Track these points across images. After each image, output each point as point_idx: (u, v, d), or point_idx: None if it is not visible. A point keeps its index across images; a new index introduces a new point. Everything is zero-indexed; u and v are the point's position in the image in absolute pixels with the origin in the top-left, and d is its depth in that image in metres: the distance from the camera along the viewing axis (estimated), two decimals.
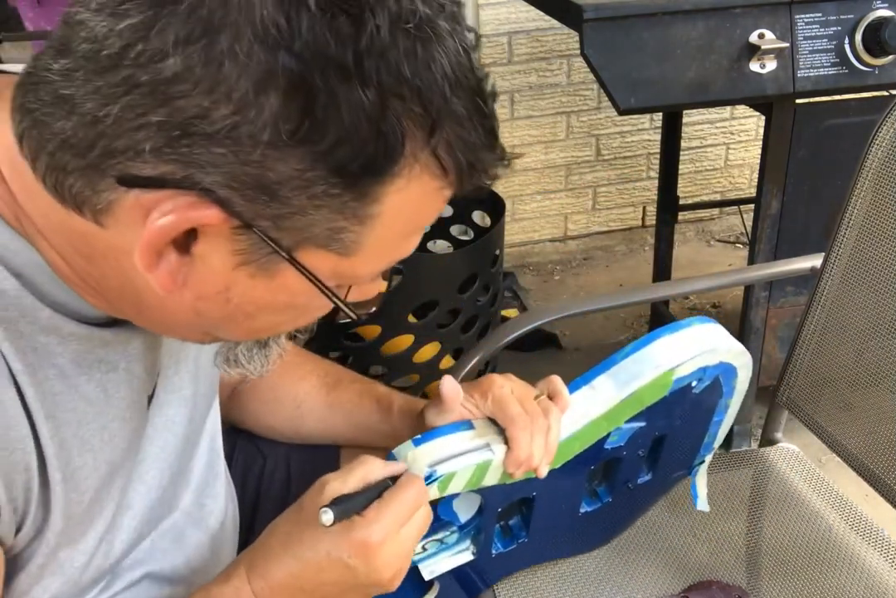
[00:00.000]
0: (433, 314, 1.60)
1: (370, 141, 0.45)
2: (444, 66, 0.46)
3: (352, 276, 0.54)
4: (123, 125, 0.45)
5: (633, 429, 0.85)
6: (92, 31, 0.45)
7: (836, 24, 1.39)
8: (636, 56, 1.36)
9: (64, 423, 0.56)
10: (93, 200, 0.48)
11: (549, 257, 2.70)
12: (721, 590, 0.98)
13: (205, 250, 0.49)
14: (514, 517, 0.90)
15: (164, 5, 0.43)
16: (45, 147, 0.48)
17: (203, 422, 0.76)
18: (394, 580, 0.65)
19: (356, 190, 0.47)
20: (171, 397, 0.69)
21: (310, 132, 0.45)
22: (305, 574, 0.63)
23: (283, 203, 0.47)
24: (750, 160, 2.71)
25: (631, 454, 0.88)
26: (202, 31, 0.43)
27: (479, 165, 0.51)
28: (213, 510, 0.78)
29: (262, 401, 0.91)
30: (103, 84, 0.45)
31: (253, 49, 0.43)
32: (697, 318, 0.88)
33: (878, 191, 1.00)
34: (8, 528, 0.55)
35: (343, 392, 0.90)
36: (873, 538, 1.05)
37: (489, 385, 0.76)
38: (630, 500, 0.96)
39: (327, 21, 0.43)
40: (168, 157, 0.45)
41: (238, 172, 0.45)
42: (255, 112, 0.44)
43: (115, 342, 0.59)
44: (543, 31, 2.37)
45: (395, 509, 0.63)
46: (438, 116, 0.47)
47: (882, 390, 1.00)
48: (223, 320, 0.55)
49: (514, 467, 0.74)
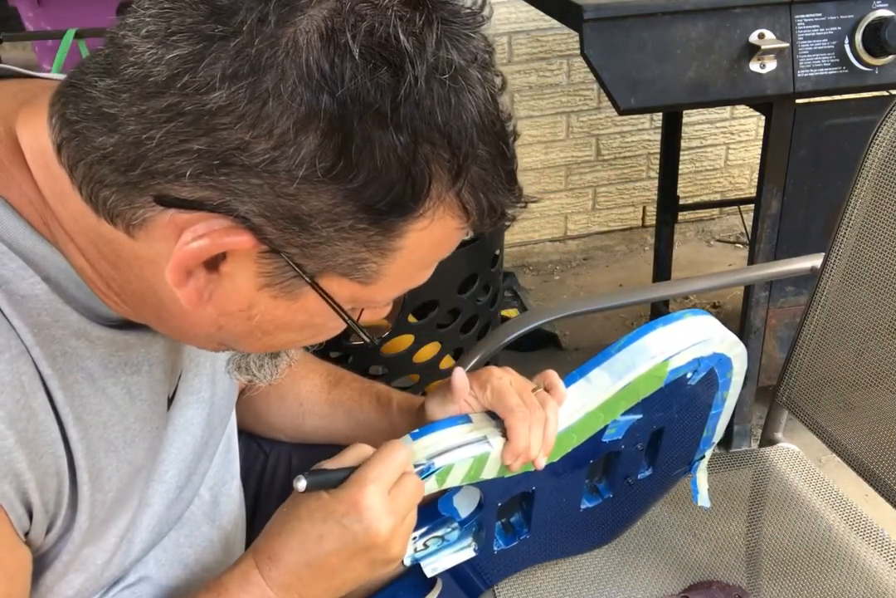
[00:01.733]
0: (433, 314, 1.60)
1: (399, 182, 0.48)
2: (473, 114, 0.49)
3: (368, 301, 0.57)
4: (165, 150, 0.47)
5: (630, 421, 0.85)
6: (140, 56, 0.47)
7: (836, 24, 1.39)
8: (636, 56, 1.36)
9: (91, 425, 0.58)
10: (127, 215, 0.50)
11: (549, 257, 2.70)
12: (721, 590, 0.98)
13: (232, 270, 0.51)
14: (515, 514, 0.90)
15: (213, 40, 0.46)
16: (84, 159, 0.50)
17: (221, 424, 0.77)
18: (392, 541, 0.66)
19: (382, 226, 0.50)
20: (190, 398, 0.70)
21: (343, 171, 0.47)
22: (307, 547, 0.65)
23: (312, 234, 0.49)
24: (750, 160, 2.71)
25: (629, 448, 0.88)
26: (249, 69, 0.45)
27: (499, 207, 0.54)
28: (226, 510, 0.79)
29: (266, 400, 0.92)
30: (148, 109, 0.47)
31: (297, 90, 0.45)
32: (690, 310, 0.88)
33: (878, 191, 1.00)
34: (40, 529, 0.57)
35: (344, 390, 0.91)
36: (873, 538, 1.05)
37: (488, 376, 0.78)
38: (631, 496, 0.96)
39: (369, 71, 0.46)
40: (206, 183, 0.48)
41: (272, 203, 0.48)
42: (293, 149, 0.46)
43: (139, 345, 0.61)
44: (543, 31, 2.37)
45: (378, 468, 0.65)
46: (465, 162, 0.50)
47: (882, 390, 1.00)
48: (242, 335, 0.58)
49: (511, 459, 0.74)
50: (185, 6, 0.47)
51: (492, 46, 0.53)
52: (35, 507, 0.55)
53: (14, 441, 0.52)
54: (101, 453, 0.59)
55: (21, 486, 0.53)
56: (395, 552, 0.67)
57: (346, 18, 0.46)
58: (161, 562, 0.71)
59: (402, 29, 0.46)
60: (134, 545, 0.67)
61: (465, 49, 0.49)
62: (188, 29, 0.46)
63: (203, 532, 0.76)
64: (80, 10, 1.95)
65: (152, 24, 0.47)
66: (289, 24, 0.46)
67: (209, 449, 0.75)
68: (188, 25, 0.46)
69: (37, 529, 0.56)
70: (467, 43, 0.50)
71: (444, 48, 0.48)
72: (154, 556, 0.71)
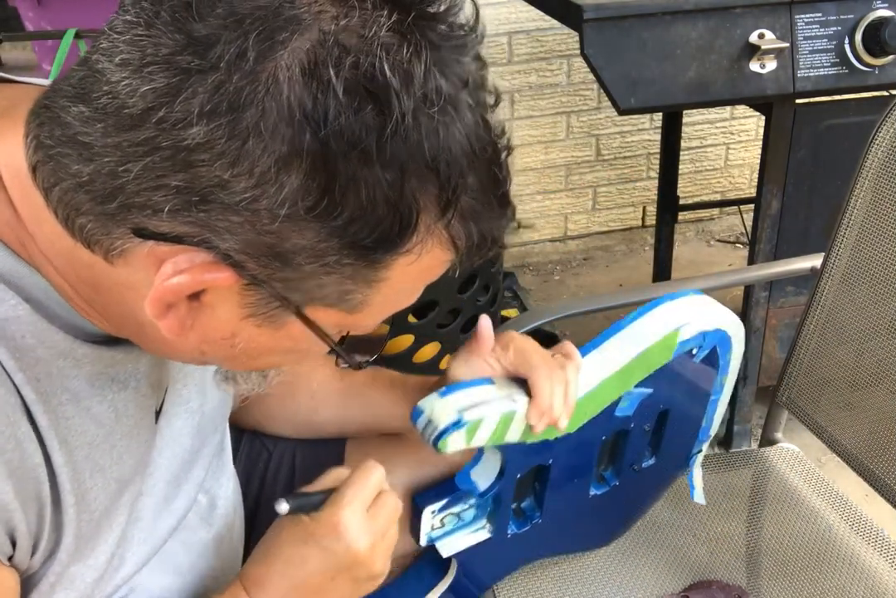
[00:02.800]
0: (433, 314, 1.60)
1: (386, 219, 0.47)
2: (462, 144, 0.47)
3: (354, 326, 0.56)
4: (142, 184, 0.46)
5: (641, 395, 0.88)
6: (114, 87, 0.45)
7: (836, 24, 1.39)
8: (636, 56, 1.36)
9: (76, 447, 0.57)
10: (105, 243, 0.49)
11: (549, 257, 2.70)
12: (721, 590, 0.98)
13: (214, 301, 0.50)
14: (527, 499, 0.92)
15: (190, 74, 0.44)
16: (59, 184, 0.48)
17: (213, 432, 0.77)
18: (372, 558, 0.67)
19: (368, 260, 0.49)
20: (178, 409, 0.70)
21: (327, 210, 0.45)
22: (291, 570, 0.66)
23: (296, 270, 0.48)
24: (750, 160, 2.71)
25: (638, 428, 0.91)
26: (228, 107, 0.43)
27: (490, 236, 0.52)
28: (222, 513, 0.79)
29: (277, 399, 0.92)
30: (123, 141, 0.45)
31: (278, 128, 0.44)
32: (693, 289, 0.94)
33: (878, 191, 1.00)
34: (24, 554, 0.56)
35: (355, 377, 0.91)
36: (873, 538, 1.05)
37: (510, 338, 0.79)
38: (635, 486, 0.98)
39: (354, 109, 0.44)
40: (185, 219, 0.46)
41: (254, 240, 0.47)
42: (275, 188, 0.45)
43: (126, 361, 0.60)
44: (543, 31, 2.37)
45: (354, 488, 0.67)
46: (454, 194, 0.48)
47: (882, 390, 1.00)
48: (226, 359, 0.57)
49: (536, 418, 0.75)
50: (160, 34, 0.44)
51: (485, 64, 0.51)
52: (19, 533, 0.54)
53: (1, 473, 0.51)
54: (86, 474, 0.58)
55: (6, 516, 0.53)
56: (378, 569, 0.68)
57: (329, 52, 0.44)
58: (154, 570, 0.71)
59: (389, 63, 0.44)
60: (126, 560, 0.66)
61: (454, 76, 0.47)
62: (163, 60, 0.44)
63: (199, 538, 0.76)
64: (80, 10, 1.95)
65: (126, 53, 0.45)
66: (269, 59, 0.43)
67: (200, 458, 0.75)
68: (163, 56, 0.44)
69: (21, 553, 0.56)
70: (458, 67, 0.47)
71: (433, 78, 0.46)
72: (148, 565, 0.70)
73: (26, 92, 0.56)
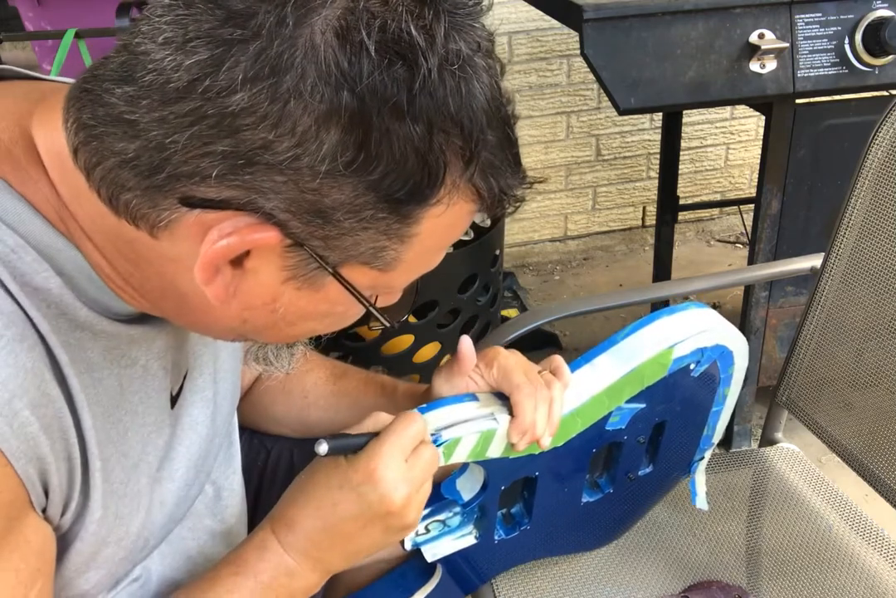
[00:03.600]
0: (433, 314, 1.60)
1: (417, 171, 0.50)
2: (481, 101, 0.51)
3: (386, 286, 0.58)
4: (189, 153, 0.48)
5: (633, 410, 0.86)
6: (159, 64, 0.47)
7: (836, 24, 1.39)
8: (636, 56, 1.36)
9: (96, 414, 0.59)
10: (151, 217, 0.51)
11: (549, 257, 2.70)
12: (721, 590, 0.98)
13: (257, 265, 0.53)
14: (516, 505, 0.91)
15: (232, 45, 0.46)
16: (103, 163, 0.50)
17: (224, 422, 0.78)
18: (407, 508, 0.67)
19: (401, 214, 0.52)
20: (195, 397, 0.71)
21: (364, 164, 0.48)
22: (323, 513, 0.66)
23: (335, 226, 0.51)
24: (750, 160, 2.71)
25: (631, 439, 0.89)
26: (269, 71, 0.46)
27: (509, 190, 0.55)
28: (228, 504, 0.80)
29: (271, 396, 0.93)
30: (169, 114, 0.47)
31: (317, 88, 0.47)
32: (693, 302, 0.90)
33: (878, 191, 1.00)
34: (56, 510, 0.58)
35: (349, 381, 0.93)
36: (873, 538, 1.05)
37: (494, 355, 0.79)
38: (631, 493, 0.97)
39: (385, 66, 0.47)
40: (232, 183, 0.49)
41: (297, 198, 0.49)
42: (316, 145, 0.47)
43: (141, 340, 0.62)
44: (543, 31, 2.37)
45: (394, 437, 0.66)
46: (476, 148, 0.51)
47: (882, 390, 1.00)
48: (265, 327, 0.59)
49: (518, 436, 0.75)
50: (200, 12, 0.47)
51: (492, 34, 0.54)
52: (52, 488, 0.56)
53: (38, 427, 0.53)
54: (105, 443, 0.60)
55: (43, 468, 0.55)
56: (411, 520, 0.68)
57: (359, 17, 0.47)
58: (165, 554, 0.72)
59: (413, 24, 0.47)
60: (149, 542, 0.68)
61: (470, 39, 0.50)
62: (206, 34, 0.47)
63: (206, 525, 0.77)
64: (80, 10, 1.95)
65: (169, 31, 0.48)
66: (305, 25, 0.46)
67: (214, 447, 0.76)
68: (206, 31, 0.47)
69: (53, 508, 0.57)
70: (472, 32, 0.51)
71: (453, 39, 0.49)
72: (158, 549, 0.72)
73: (53, 86, 0.59)
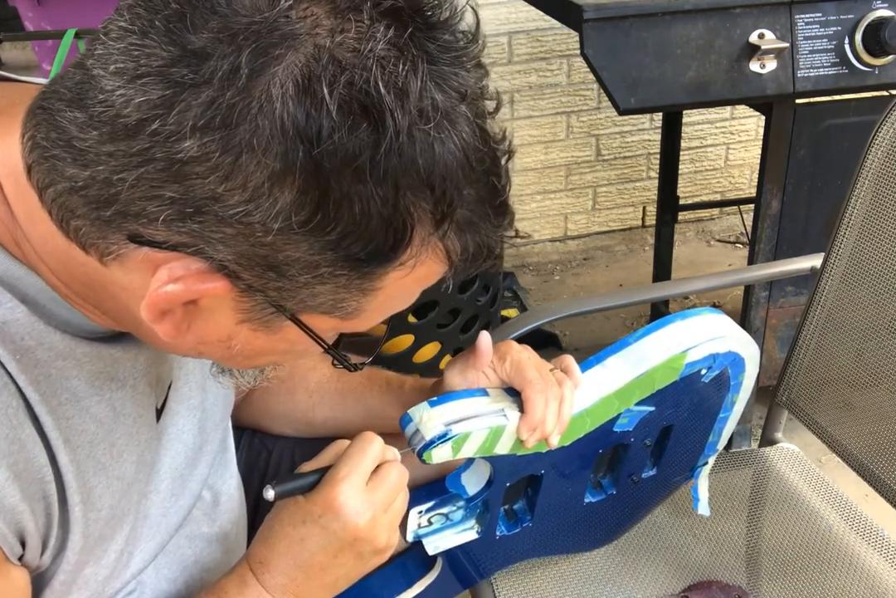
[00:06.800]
0: (433, 314, 1.60)
1: (379, 233, 0.47)
2: (458, 157, 0.47)
3: (350, 329, 0.56)
4: (136, 193, 0.46)
5: (642, 413, 0.86)
6: (109, 96, 0.45)
7: (836, 24, 1.39)
8: (636, 56, 1.36)
9: (78, 446, 0.58)
10: (100, 246, 0.49)
11: (549, 257, 2.70)
12: (721, 590, 0.98)
13: (210, 305, 0.51)
14: (519, 502, 0.91)
15: (184, 87, 0.43)
16: (54, 185, 0.48)
17: (215, 429, 0.77)
18: (373, 532, 0.66)
19: (361, 272, 0.49)
20: (180, 407, 0.70)
21: (321, 224, 0.46)
22: (293, 549, 0.66)
23: (290, 280, 0.48)
24: (750, 160, 2.71)
25: (638, 442, 0.89)
26: (221, 122, 0.43)
27: (486, 247, 0.52)
28: (226, 509, 0.79)
29: (275, 396, 0.92)
30: (117, 150, 0.45)
31: (271, 145, 0.43)
32: (707, 308, 0.90)
33: (878, 191, 1.00)
34: (35, 552, 0.57)
35: (353, 377, 0.91)
36: (873, 538, 1.05)
37: (507, 349, 0.78)
38: (633, 495, 0.97)
39: (348, 127, 0.43)
40: (180, 229, 0.46)
41: (248, 252, 0.47)
42: (269, 203, 0.45)
43: (125, 359, 0.61)
44: (543, 31, 2.37)
45: (350, 463, 0.65)
46: (450, 207, 0.48)
47: (882, 390, 1.00)
48: (223, 359, 0.58)
49: (527, 432, 0.75)
50: (154, 45, 0.44)
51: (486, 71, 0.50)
52: (28, 533, 0.55)
53: (6, 477, 0.52)
54: (90, 473, 0.59)
55: (14, 518, 0.53)
56: (382, 542, 0.67)
57: (324, 68, 0.43)
58: (160, 565, 0.71)
59: (384, 80, 0.44)
60: (134, 557, 0.67)
61: (452, 90, 0.47)
62: (157, 72, 0.44)
63: (203, 533, 0.76)
64: (80, 10, 1.95)
65: (120, 62, 0.45)
66: (263, 75, 0.43)
67: (204, 455, 0.75)
68: (156, 68, 0.44)
69: (31, 551, 0.56)
70: (456, 80, 0.47)
71: (429, 93, 0.45)
72: (154, 561, 0.71)
73: (26, 91, 0.56)
